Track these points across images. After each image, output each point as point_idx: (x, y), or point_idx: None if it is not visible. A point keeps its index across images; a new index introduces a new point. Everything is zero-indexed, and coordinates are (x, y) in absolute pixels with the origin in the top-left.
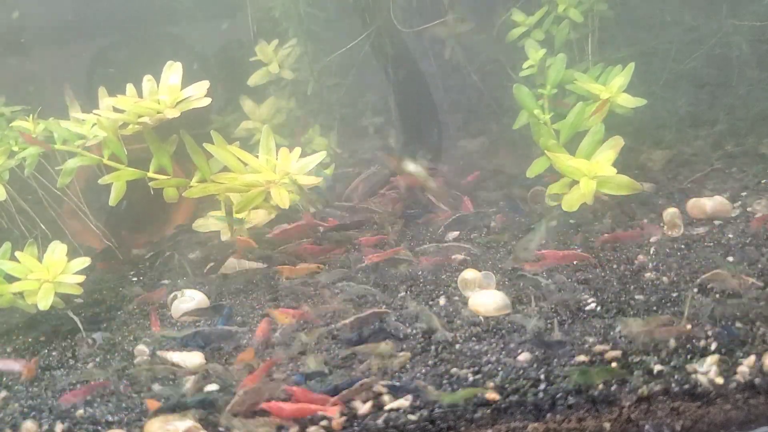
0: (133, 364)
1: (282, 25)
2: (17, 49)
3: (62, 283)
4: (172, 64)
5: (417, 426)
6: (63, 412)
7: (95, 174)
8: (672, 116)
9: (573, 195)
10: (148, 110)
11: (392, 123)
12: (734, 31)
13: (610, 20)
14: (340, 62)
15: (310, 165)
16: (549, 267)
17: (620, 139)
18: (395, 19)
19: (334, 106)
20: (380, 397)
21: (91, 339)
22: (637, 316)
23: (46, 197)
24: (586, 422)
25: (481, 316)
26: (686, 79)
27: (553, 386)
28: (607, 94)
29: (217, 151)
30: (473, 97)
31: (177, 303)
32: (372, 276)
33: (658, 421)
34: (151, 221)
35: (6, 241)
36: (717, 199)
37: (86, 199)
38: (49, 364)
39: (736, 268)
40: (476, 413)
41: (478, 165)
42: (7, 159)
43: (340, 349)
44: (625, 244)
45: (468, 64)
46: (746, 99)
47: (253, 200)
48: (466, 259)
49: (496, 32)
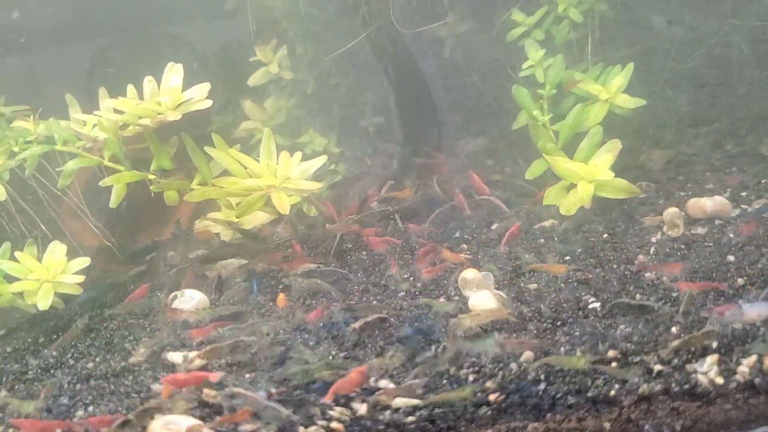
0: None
1: (282, 25)
2: (17, 48)
3: (62, 282)
4: (173, 66)
5: (417, 426)
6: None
7: (95, 175)
8: (672, 116)
9: (571, 198)
10: (148, 112)
11: (392, 123)
12: (734, 31)
13: (610, 20)
14: (340, 62)
15: (311, 169)
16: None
17: (618, 142)
18: (395, 19)
19: (334, 106)
20: (380, 396)
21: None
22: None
23: (46, 197)
24: (586, 422)
25: None
26: (686, 79)
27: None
28: (606, 94)
29: (217, 155)
30: (473, 97)
31: (177, 303)
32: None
33: (658, 421)
34: (151, 221)
35: (6, 241)
36: (717, 199)
37: (86, 199)
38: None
39: (736, 267)
40: (476, 413)
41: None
42: (7, 159)
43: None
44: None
45: (468, 64)
46: (746, 99)
47: (253, 204)
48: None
49: (496, 32)
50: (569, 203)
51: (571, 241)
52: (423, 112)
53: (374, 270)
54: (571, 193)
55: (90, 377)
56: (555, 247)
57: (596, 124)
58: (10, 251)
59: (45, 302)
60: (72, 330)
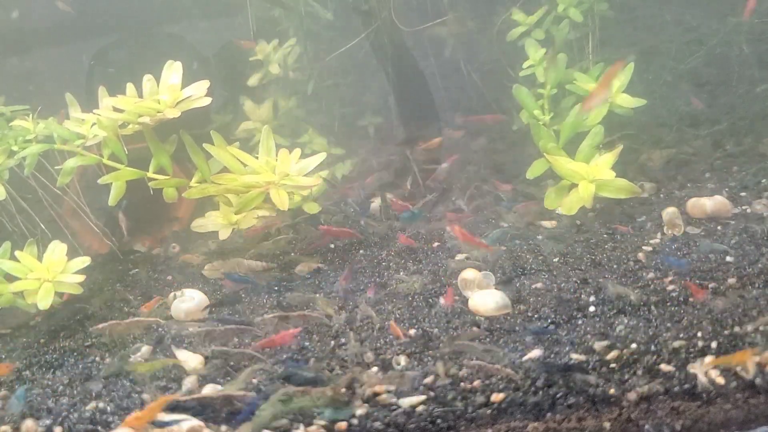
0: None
1: (282, 25)
2: (17, 48)
3: (62, 282)
4: (172, 64)
5: (417, 426)
6: None
7: (95, 173)
8: (672, 116)
9: (572, 198)
10: (148, 110)
11: (392, 122)
12: (734, 30)
13: (610, 20)
14: (340, 62)
15: (309, 166)
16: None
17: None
18: (395, 18)
19: (334, 105)
20: (380, 396)
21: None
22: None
23: (46, 197)
24: (586, 422)
25: (481, 316)
26: (686, 79)
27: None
28: None
29: (216, 152)
30: (473, 97)
31: (177, 303)
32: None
33: (658, 421)
34: (151, 220)
35: (6, 241)
36: (717, 198)
37: (86, 198)
38: None
39: (736, 267)
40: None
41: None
42: (6, 158)
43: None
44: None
45: (468, 63)
46: (746, 98)
47: (252, 201)
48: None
49: (496, 32)
50: (570, 203)
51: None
52: (423, 111)
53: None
54: (572, 193)
55: None
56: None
57: (596, 123)
58: (11, 251)
59: (45, 302)
60: None
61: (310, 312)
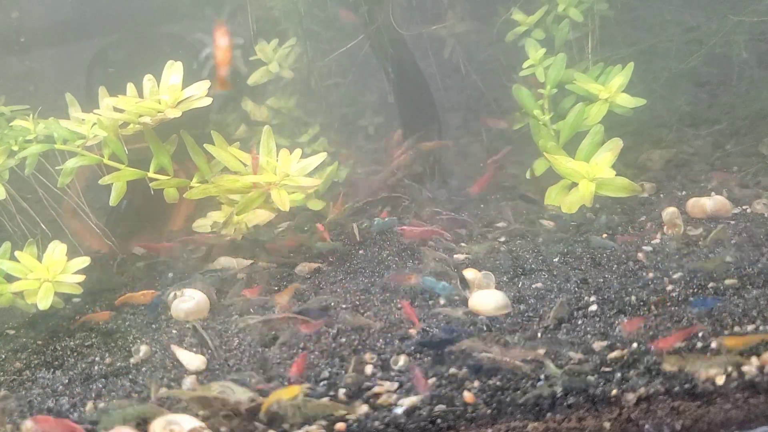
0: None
1: (282, 25)
2: (17, 48)
3: (62, 282)
4: (172, 64)
5: (417, 425)
6: None
7: (96, 173)
8: (672, 115)
9: (572, 197)
10: (148, 110)
11: (392, 122)
12: (734, 30)
13: (610, 20)
14: (341, 61)
15: (310, 166)
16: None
17: (619, 141)
18: (395, 19)
19: (334, 105)
20: (380, 396)
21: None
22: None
23: (46, 197)
24: (586, 422)
25: (481, 315)
26: (686, 79)
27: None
28: (606, 93)
29: (217, 152)
30: (473, 97)
31: (177, 302)
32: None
33: (658, 421)
34: (151, 220)
35: (6, 241)
36: (717, 198)
37: (87, 198)
38: None
39: (736, 267)
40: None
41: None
42: (6, 158)
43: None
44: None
45: (468, 64)
46: (746, 98)
47: (253, 202)
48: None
49: (496, 32)
50: (570, 202)
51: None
52: (423, 111)
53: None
54: (572, 192)
55: None
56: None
57: (596, 123)
58: (10, 251)
59: (45, 302)
60: None
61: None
